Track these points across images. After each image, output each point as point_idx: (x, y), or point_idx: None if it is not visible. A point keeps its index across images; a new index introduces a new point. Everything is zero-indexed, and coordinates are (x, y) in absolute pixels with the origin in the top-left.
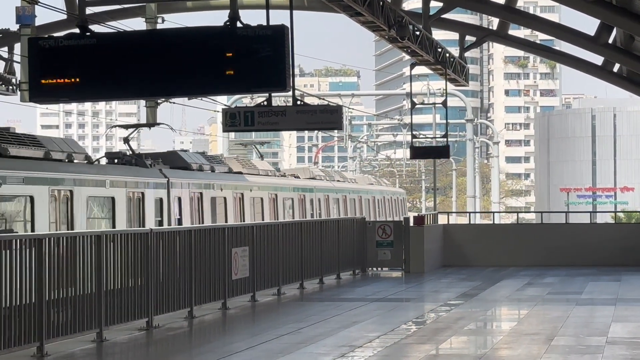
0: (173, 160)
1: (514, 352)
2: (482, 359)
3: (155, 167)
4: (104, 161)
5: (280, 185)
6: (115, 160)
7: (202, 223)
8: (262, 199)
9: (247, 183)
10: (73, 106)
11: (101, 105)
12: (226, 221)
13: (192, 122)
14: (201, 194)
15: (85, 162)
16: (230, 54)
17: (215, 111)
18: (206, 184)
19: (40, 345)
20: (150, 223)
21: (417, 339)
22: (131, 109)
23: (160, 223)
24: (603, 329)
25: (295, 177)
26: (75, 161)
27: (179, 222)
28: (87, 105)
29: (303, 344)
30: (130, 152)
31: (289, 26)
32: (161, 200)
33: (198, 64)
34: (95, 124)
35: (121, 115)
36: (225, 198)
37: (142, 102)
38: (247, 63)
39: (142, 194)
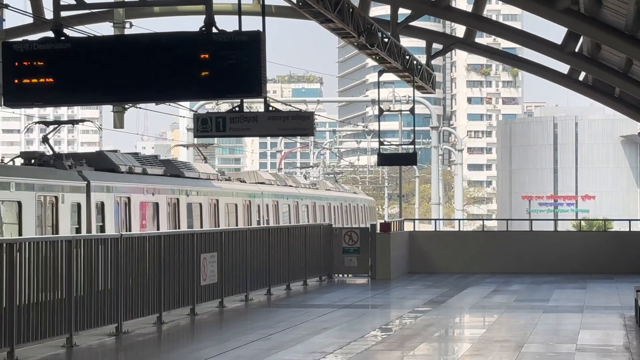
0: (99, 162)
1: (484, 358)
2: None
3: (75, 168)
4: (19, 162)
5: (224, 190)
6: (32, 161)
7: (130, 231)
8: (200, 204)
9: (184, 187)
10: (35, 111)
11: (63, 110)
12: (158, 229)
13: (155, 127)
14: (129, 198)
15: None
16: (205, 59)
17: (178, 116)
18: (135, 187)
19: (11, 350)
20: (66, 230)
21: (388, 346)
22: (93, 114)
23: (78, 230)
24: (572, 337)
25: (241, 181)
26: None
27: (101, 229)
28: (49, 110)
29: (274, 350)
30: (51, 152)
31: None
32: (79, 205)
33: (173, 69)
34: (57, 129)
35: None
36: (157, 204)
37: (106, 107)
38: (222, 68)
39: (56, 198)
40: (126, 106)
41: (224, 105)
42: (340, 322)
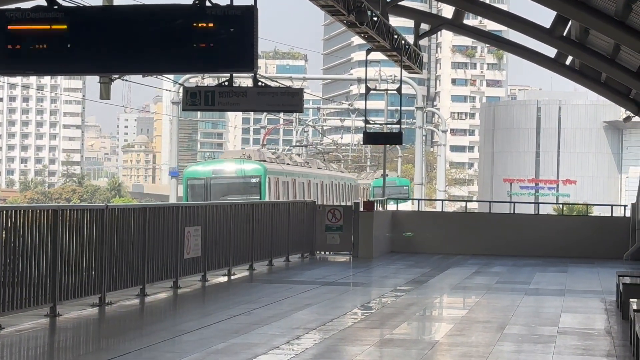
0: (261, 155)
1: (467, 339)
2: (436, 345)
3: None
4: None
5: (303, 172)
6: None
7: (280, 198)
8: (303, 183)
9: (298, 171)
10: (18, 79)
11: (46, 80)
12: (295, 198)
13: (138, 99)
14: (278, 179)
15: None
16: (198, 32)
17: (161, 89)
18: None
19: None
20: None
21: (370, 324)
22: (77, 84)
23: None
24: (554, 319)
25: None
26: None
27: (272, 197)
28: (32, 79)
29: (256, 324)
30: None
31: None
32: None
33: (164, 41)
34: (40, 98)
35: (66, 90)
36: (290, 182)
37: (90, 78)
38: (214, 42)
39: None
40: (113, 78)
41: (207, 79)
42: (322, 299)
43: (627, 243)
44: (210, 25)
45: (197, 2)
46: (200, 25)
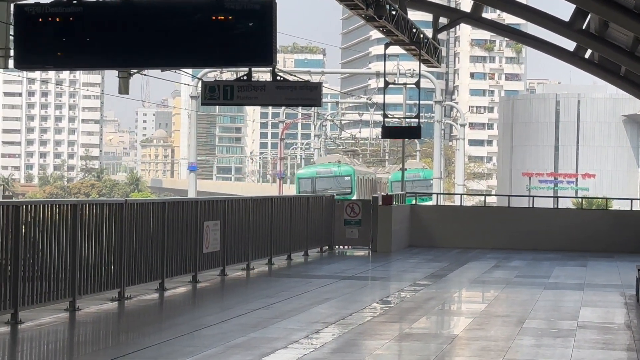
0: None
1: (486, 333)
2: (455, 339)
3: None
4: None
5: (367, 172)
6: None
7: (361, 191)
8: (369, 180)
9: (369, 173)
10: (37, 74)
11: (65, 74)
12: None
13: (156, 94)
14: (357, 176)
15: None
16: (217, 26)
17: (180, 83)
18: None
19: (15, 312)
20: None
21: (389, 318)
22: (95, 79)
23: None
24: (573, 313)
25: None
26: None
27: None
28: (51, 74)
29: (275, 318)
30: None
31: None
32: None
33: (184, 35)
34: (59, 93)
35: (85, 84)
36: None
37: (109, 73)
38: (233, 36)
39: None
40: (131, 72)
41: (226, 74)
42: (341, 294)
43: None
44: (230, 19)
45: None
46: (219, 19)
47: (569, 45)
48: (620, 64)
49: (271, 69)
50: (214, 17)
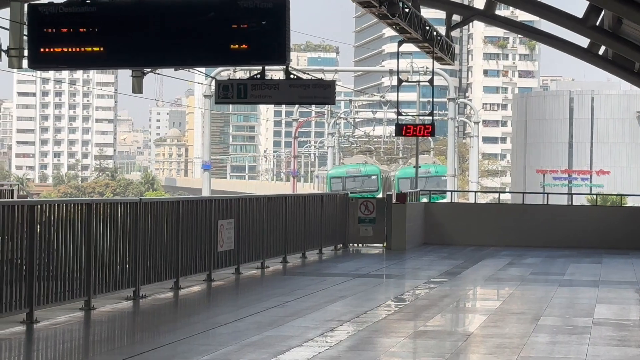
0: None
1: (501, 330)
2: (470, 337)
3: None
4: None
5: None
6: (361, 162)
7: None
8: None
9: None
10: (51, 74)
11: (79, 74)
12: None
13: (170, 93)
14: (383, 177)
15: None
16: (231, 25)
17: (193, 82)
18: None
19: (30, 312)
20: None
21: (404, 315)
22: (109, 78)
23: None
24: (588, 310)
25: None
26: None
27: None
28: (65, 74)
29: (290, 317)
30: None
31: None
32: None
33: (197, 34)
34: (73, 92)
35: (98, 84)
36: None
37: (122, 72)
38: (247, 35)
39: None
40: (145, 71)
41: (239, 72)
42: (355, 291)
43: None
44: (242, 18)
45: None
46: (232, 18)
47: (583, 42)
48: (634, 61)
49: (285, 67)
50: (227, 17)
